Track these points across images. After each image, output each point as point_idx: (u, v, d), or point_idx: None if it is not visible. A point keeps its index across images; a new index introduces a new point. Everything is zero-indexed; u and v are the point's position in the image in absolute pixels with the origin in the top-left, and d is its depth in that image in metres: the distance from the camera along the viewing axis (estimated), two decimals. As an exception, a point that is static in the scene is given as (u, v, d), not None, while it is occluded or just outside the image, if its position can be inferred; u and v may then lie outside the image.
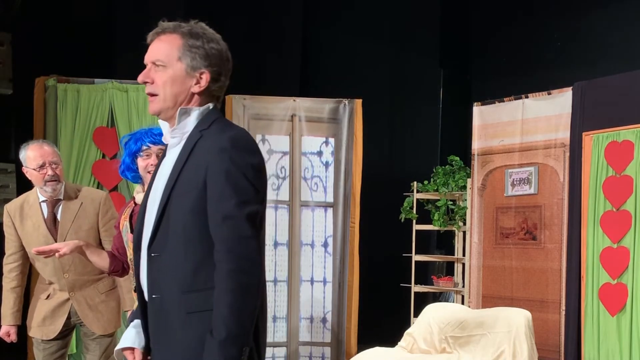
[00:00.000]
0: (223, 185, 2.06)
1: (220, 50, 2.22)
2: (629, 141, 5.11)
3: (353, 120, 6.14)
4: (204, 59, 2.18)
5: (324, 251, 6.14)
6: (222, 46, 2.23)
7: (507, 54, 7.39)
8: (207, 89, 2.20)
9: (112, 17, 6.48)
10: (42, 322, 3.85)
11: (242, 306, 2.00)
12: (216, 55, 2.20)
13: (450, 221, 6.57)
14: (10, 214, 3.82)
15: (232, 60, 2.26)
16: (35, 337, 3.90)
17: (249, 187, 2.06)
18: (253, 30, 7.33)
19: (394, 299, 7.07)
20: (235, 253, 2.02)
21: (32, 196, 3.85)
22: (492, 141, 6.15)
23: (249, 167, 2.08)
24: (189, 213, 2.11)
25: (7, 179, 8.62)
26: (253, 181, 2.07)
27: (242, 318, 1.99)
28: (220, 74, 2.21)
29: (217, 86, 2.22)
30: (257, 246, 2.05)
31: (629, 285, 5.04)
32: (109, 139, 5.65)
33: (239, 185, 2.05)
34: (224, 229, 2.04)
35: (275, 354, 6.05)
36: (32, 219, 3.79)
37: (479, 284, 6.16)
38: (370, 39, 7.70)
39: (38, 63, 6.05)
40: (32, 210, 3.80)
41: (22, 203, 3.85)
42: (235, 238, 2.02)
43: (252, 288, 2.02)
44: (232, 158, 2.07)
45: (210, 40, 2.21)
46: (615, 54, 6.28)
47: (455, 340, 5.13)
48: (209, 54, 2.19)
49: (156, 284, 2.15)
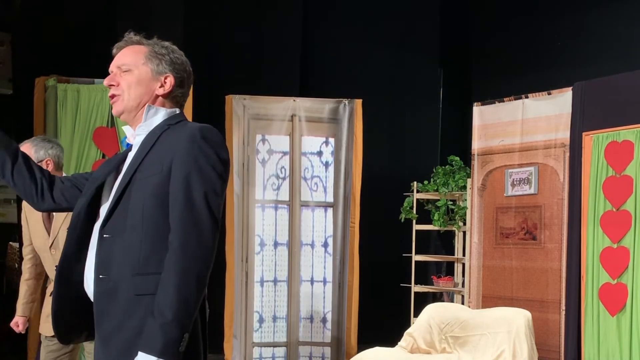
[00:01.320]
0: (190, 173, 2.09)
1: (184, 61, 2.33)
2: (629, 141, 5.11)
3: (353, 120, 6.14)
4: (169, 64, 2.29)
5: (324, 251, 6.14)
6: (185, 59, 2.34)
7: (507, 54, 7.39)
8: (171, 93, 2.29)
9: (112, 17, 6.48)
10: (47, 318, 3.85)
11: (190, 292, 2.00)
12: (180, 64, 2.31)
13: (450, 221, 6.57)
14: (24, 207, 3.88)
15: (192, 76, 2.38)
16: (41, 333, 3.90)
17: (216, 178, 2.10)
18: (253, 30, 7.33)
19: (394, 299, 7.07)
20: (192, 240, 2.04)
21: None
22: (492, 141, 6.15)
23: (218, 159, 2.12)
24: (149, 196, 2.13)
25: (7, 179, 8.63)
26: (221, 173, 2.12)
27: (188, 304, 1.99)
28: (184, 81, 2.31)
29: (180, 92, 2.32)
30: (213, 237, 2.06)
31: (629, 285, 5.04)
32: (109, 139, 5.64)
33: (207, 175, 2.09)
34: (185, 215, 2.06)
35: (275, 354, 6.06)
36: (36, 214, 3.83)
37: (479, 284, 6.16)
38: (370, 39, 7.70)
39: (38, 63, 6.05)
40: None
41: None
42: (195, 225, 2.04)
43: (202, 277, 2.02)
44: (201, 148, 2.11)
45: (173, 51, 2.32)
46: (615, 54, 6.28)
47: (455, 340, 5.13)
48: (173, 61, 2.30)
49: (105, 264, 2.14)
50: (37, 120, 5.61)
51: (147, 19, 6.48)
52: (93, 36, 6.27)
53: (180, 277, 2.00)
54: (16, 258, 7.92)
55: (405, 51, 7.94)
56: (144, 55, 2.27)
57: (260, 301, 6.02)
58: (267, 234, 6.06)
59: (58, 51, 6.19)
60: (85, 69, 5.85)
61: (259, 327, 6.00)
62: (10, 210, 8.43)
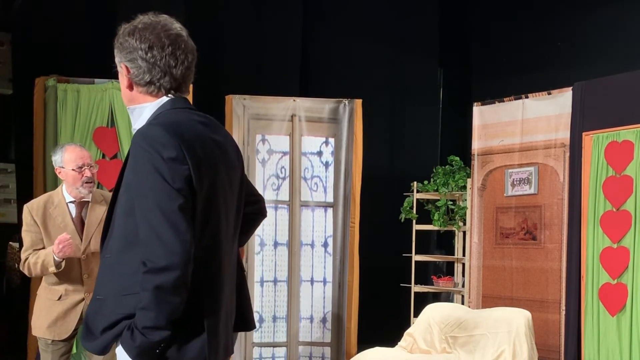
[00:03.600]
0: (138, 184, 1.98)
1: (134, 36, 2.09)
2: (629, 141, 5.11)
3: (353, 120, 6.14)
4: (119, 52, 2.12)
5: (324, 251, 6.14)
6: (137, 33, 2.09)
7: (507, 54, 7.39)
8: (140, 82, 2.11)
9: (112, 17, 6.48)
10: (54, 323, 3.85)
11: (158, 305, 1.96)
12: (128, 45, 2.09)
13: (450, 221, 6.57)
14: (32, 212, 3.86)
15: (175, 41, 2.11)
16: (45, 337, 3.88)
17: (162, 183, 1.94)
18: (253, 30, 7.32)
19: (394, 299, 7.07)
20: (150, 254, 1.95)
21: (57, 197, 3.91)
22: (492, 141, 6.15)
23: (159, 159, 1.95)
24: (124, 215, 2.07)
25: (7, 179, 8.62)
26: (166, 176, 1.95)
27: (161, 314, 1.96)
28: (136, 61, 2.08)
29: (142, 75, 2.09)
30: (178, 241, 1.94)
31: (629, 285, 5.04)
32: (109, 139, 5.64)
33: (152, 182, 1.95)
34: (142, 230, 1.97)
35: (275, 354, 6.06)
36: (58, 219, 3.84)
37: (479, 284, 6.16)
38: (370, 39, 7.69)
39: (38, 63, 6.04)
40: (58, 211, 3.87)
41: (45, 203, 3.90)
42: (151, 239, 1.95)
43: (168, 287, 1.95)
44: (143, 154, 1.97)
45: (125, 34, 2.11)
46: (615, 54, 6.28)
47: (455, 340, 5.13)
48: (125, 45, 2.10)
49: (100, 285, 2.14)
50: (37, 120, 5.60)
51: (147, 19, 6.48)
52: (93, 36, 6.26)
53: (145, 294, 1.97)
54: (16, 258, 7.92)
55: (405, 51, 7.93)
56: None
57: (261, 301, 6.02)
58: (267, 234, 6.06)
59: (58, 51, 6.18)
60: (85, 69, 5.85)
61: (259, 327, 6.00)
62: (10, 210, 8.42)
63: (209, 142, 2.09)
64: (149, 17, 2.12)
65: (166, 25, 2.11)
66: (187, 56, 2.12)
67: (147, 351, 1.99)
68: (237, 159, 2.25)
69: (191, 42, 2.17)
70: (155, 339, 1.98)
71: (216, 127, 2.21)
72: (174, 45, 2.08)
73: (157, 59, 2.06)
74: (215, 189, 2.08)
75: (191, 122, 2.11)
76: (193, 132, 2.06)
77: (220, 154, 2.13)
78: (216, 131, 2.19)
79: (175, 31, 2.11)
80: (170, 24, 2.12)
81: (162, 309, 1.96)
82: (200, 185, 2.01)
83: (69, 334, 3.89)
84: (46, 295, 3.93)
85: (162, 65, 2.08)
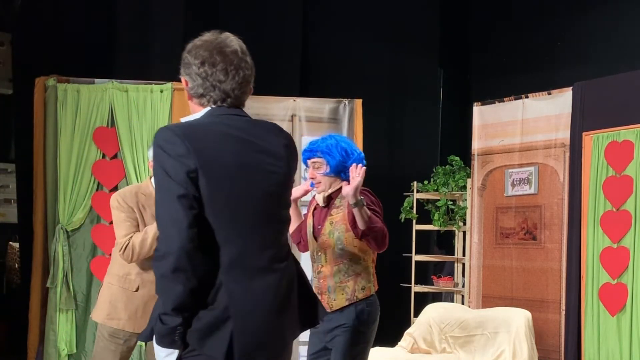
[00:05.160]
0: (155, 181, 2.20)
1: (191, 53, 2.28)
2: (629, 141, 5.11)
3: (353, 120, 6.14)
4: (183, 67, 2.31)
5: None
6: (194, 51, 2.28)
7: (507, 54, 7.40)
8: (194, 94, 2.29)
9: (112, 17, 6.48)
10: (135, 314, 3.76)
11: (164, 291, 2.12)
12: (187, 62, 2.28)
13: (450, 221, 6.57)
14: (125, 199, 3.79)
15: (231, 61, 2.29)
16: (125, 329, 3.76)
17: (165, 177, 2.12)
18: (253, 31, 7.32)
19: (394, 299, 7.06)
20: (161, 246, 2.13)
21: (147, 189, 3.84)
22: (492, 141, 6.15)
23: (165, 156, 2.13)
24: None
25: (7, 179, 8.63)
26: (169, 170, 2.12)
27: (167, 301, 2.11)
28: (191, 76, 2.27)
29: (197, 89, 2.27)
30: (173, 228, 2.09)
31: (629, 285, 5.04)
32: (109, 139, 5.64)
33: (158, 178, 2.15)
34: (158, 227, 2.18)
35: (275, 354, 6.05)
36: (152, 208, 3.67)
37: (479, 284, 6.16)
38: (370, 38, 7.69)
39: (38, 63, 6.04)
40: (151, 201, 3.75)
41: (136, 192, 3.84)
42: (159, 229, 2.14)
43: (168, 273, 2.08)
44: (154, 155, 2.17)
45: (187, 51, 2.30)
46: (615, 54, 6.28)
47: (455, 340, 5.14)
48: (185, 62, 2.30)
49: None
50: (37, 120, 5.60)
51: (147, 19, 6.48)
52: (93, 36, 6.27)
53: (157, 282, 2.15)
54: (16, 258, 7.92)
55: (405, 51, 7.93)
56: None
57: (260, 301, 6.01)
58: (267, 234, 6.05)
59: (58, 51, 6.18)
60: (85, 69, 5.85)
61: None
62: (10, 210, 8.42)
63: (232, 142, 2.24)
64: (209, 35, 2.31)
65: (222, 42, 2.28)
66: (238, 72, 2.29)
67: (165, 336, 2.14)
68: (284, 164, 2.36)
69: (249, 58, 2.35)
70: (169, 324, 2.12)
71: (259, 132, 2.36)
72: (226, 62, 2.27)
73: (208, 74, 2.25)
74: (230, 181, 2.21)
75: (214, 124, 2.25)
76: (211, 133, 2.22)
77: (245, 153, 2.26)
78: (255, 134, 2.33)
79: (230, 48, 2.29)
80: (226, 41, 2.30)
81: (167, 296, 2.11)
82: (209, 178, 2.15)
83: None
84: (121, 285, 3.81)
85: (212, 80, 2.26)
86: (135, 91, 5.58)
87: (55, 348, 5.46)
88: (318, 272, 3.63)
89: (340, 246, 3.57)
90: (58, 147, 5.57)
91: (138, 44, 6.49)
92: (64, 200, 5.53)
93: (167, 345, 2.16)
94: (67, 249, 5.53)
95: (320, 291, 3.58)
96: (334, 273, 3.58)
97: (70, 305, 5.50)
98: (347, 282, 3.61)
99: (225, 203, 2.18)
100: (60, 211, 5.53)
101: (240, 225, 2.21)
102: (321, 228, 3.63)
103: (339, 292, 3.60)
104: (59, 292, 5.49)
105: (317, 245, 3.64)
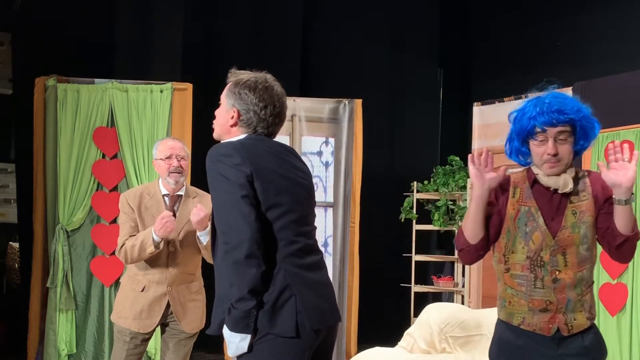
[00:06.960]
0: (213, 193, 2.54)
1: (255, 93, 2.67)
2: (629, 141, 5.11)
3: (353, 120, 6.14)
4: (236, 99, 2.67)
5: (324, 251, 6.13)
6: (257, 92, 2.68)
7: (507, 54, 7.40)
8: (239, 123, 2.67)
9: (112, 17, 6.48)
10: (139, 314, 3.78)
11: (239, 276, 2.41)
12: (245, 98, 2.67)
13: (450, 221, 6.57)
14: (128, 200, 3.82)
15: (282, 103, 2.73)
16: (131, 329, 3.80)
17: (226, 183, 2.48)
18: (253, 30, 7.33)
19: (394, 299, 7.07)
20: (226, 237, 2.46)
21: (153, 189, 3.87)
22: (492, 141, 6.15)
23: (224, 166, 2.49)
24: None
25: (7, 179, 8.64)
26: (229, 177, 2.48)
27: (243, 284, 2.41)
28: (249, 111, 2.66)
29: (250, 120, 2.66)
30: (243, 222, 2.43)
31: (629, 285, 5.04)
32: (109, 139, 5.63)
33: (219, 185, 2.50)
34: (218, 223, 2.52)
35: (275, 354, 6.05)
36: (152, 209, 3.80)
37: (479, 284, 6.16)
38: (370, 38, 7.70)
39: (38, 63, 6.04)
40: (154, 201, 3.82)
41: (141, 193, 3.86)
42: (225, 227, 2.47)
43: (241, 259, 2.40)
44: (212, 167, 2.52)
45: (245, 87, 2.68)
46: (615, 54, 6.28)
47: (455, 340, 5.13)
48: (240, 95, 2.68)
49: (216, 285, 2.64)
50: (37, 120, 5.60)
51: (147, 20, 6.49)
52: (93, 36, 6.27)
53: (229, 272, 2.46)
54: (16, 258, 7.92)
55: (405, 51, 7.94)
56: (226, 92, 2.72)
57: (260, 301, 6.02)
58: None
59: (58, 51, 6.18)
60: (85, 69, 5.85)
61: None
62: (10, 210, 8.43)
63: (272, 157, 2.62)
64: (264, 79, 2.73)
65: (274, 87, 2.73)
66: (282, 110, 2.75)
67: (239, 320, 2.42)
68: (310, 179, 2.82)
69: (285, 98, 2.80)
70: (244, 308, 2.41)
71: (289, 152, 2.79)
72: (278, 104, 2.72)
73: (267, 115, 2.68)
74: (278, 184, 2.58)
75: (257, 142, 2.64)
76: (256, 148, 2.60)
77: (285, 167, 2.65)
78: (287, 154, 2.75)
79: (280, 93, 2.74)
80: (276, 87, 2.74)
81: (242, 280, 2.40)
82: (262, 181, 2.52)
83: (153, 327, 3.80)
84: (130, 285, 3.85)
85: (266, 119, 2.68)
86: (135, 91, 5.58)
87: (55, 348, 5.46)
88: (554, 279, 2.76)
89: (585, 245, 2.73)
90: (58, 147, 5.56)
91: (138, 44, 6.49)
92: (63, 200, 5.53)
93: (241, 330, 2.43)
94: (67, 249, 5.52)
95: (554, 308, 2.75)
96: (576, 282, 2.73)
97: (70, 305, 5.50)
98: (586, 294, 2.77)
99: (276, 201, 2.54)
100: (60, 211, 5.52)
101: (289, 219, 2.56)
102: (561, 220, 2.76)
103: (578, 308, 2.74)
104: (59, 292, 5.48)
105: (554, 243, 2.75)
